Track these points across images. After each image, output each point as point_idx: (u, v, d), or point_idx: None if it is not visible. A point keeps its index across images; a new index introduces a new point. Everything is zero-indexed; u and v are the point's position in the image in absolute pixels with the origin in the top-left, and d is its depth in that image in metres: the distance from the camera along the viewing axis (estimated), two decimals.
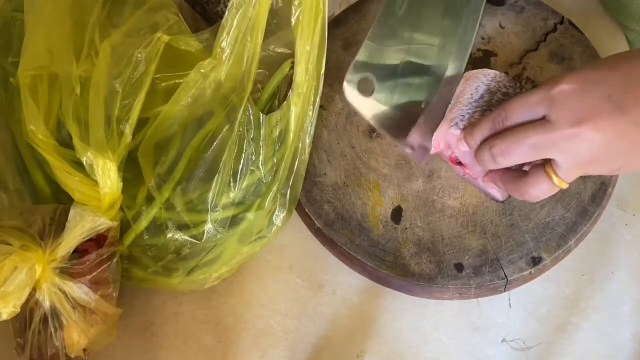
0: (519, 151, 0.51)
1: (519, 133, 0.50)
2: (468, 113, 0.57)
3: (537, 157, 0.51)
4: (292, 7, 0.60)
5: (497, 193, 0.60)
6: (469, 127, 0.56)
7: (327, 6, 0.61)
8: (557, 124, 0.48)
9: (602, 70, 0.49)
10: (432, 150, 0.60)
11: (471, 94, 0.58)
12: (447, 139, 0.58)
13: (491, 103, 0.57)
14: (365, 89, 0.61)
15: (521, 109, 0.51)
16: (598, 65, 0.50)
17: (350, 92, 0.60)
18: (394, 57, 0.62)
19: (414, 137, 0.60)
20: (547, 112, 0.49)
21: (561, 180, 0.51)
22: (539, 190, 0.52)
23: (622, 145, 0.48)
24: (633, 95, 0.47)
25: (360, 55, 0.61)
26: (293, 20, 0.61)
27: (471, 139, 0.55)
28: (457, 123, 0.57)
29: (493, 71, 0.59)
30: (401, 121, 0.61)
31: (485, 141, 0.53)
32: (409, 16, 0.64)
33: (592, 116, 0.48)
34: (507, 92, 0.57)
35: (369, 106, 0.61)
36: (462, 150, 0.57)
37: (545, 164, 0.51)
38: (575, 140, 0.48)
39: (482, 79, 0.58)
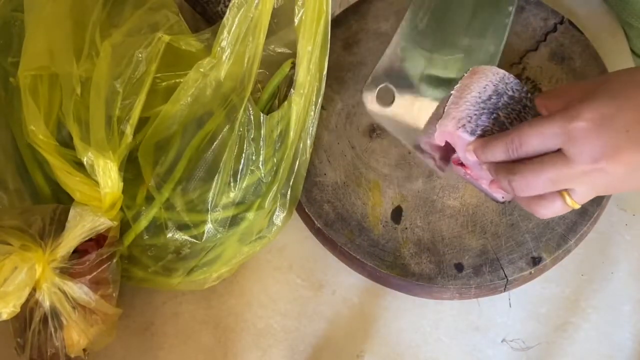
0: (537, 185, 0.51)
1: (536, 168, 0.50)
2: (475, 114, 0.56)
3: (556, 189, 0.51)
4: (296, 7, 0.60)
5: (499, 195, 0.59)
6: (480, 143, 0.55)
7: (330, 7, 0.61)
8: (576, 160, 0.49)
9: (618, 101, 0.49)
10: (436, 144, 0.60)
11: (479, 93, 0.57)
12: (454, 140, 0.58)
13: (498, 106, 0.56)
14: (385, 99, 0.61)
15: (536, 140, 0.51)
16: (614, 94, 0.49)
17: (370, 102, 0.60)
18: (415, 68, 0.62)
19: (426, 145, 0.60)
20: (564, 147, 0.49)
21: (575, 202, 0.51)
22: (551, 210, 0.52)
23: (638, 175, 0.49)
24: None
25: (380, 66, 0.60)
26: (296, 21, 0.61)
27: (482, 156, 0.55)
28: (464, 125, 0.56)
29: (502, 71, 0.58)
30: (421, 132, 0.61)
31: (500, 166, 0.53)
32: (432, 29, 0.63)
33: (611, 153, 0.48)
34: (513, 95, 0.56)
35: (389, 116, 0.60)
36: (470, 159, 0.57)
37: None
38: (594, 175, 0.49)
39: (491, 78, 0.57)
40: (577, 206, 0.51)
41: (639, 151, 0.48)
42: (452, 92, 0.58)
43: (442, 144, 0.59)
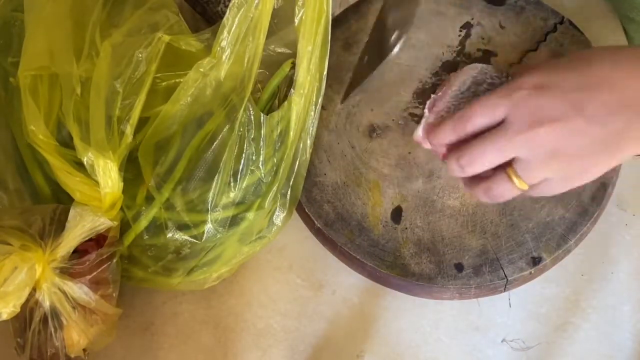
0: (484, 159, 0.52)
1: (483, 141, 0.52)
2: (454, 105, 0.57)
3: (502, 159, 0.52)
4: (296, 7, 0.60)
5: None
6: (431, 126, 0.56)
7: (330, 7, 0.61)
8: (517, 125, 0.50)
9: (560, 71, 0.51)
10: (424, 145, 0.60)
11: (458, 87, 0.58)
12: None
13: (477, 93, 0.57)
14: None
15: (481, 114, 0.52)
16: (557, 66, 0.52)
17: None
18: None
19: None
20: (506, 114, 0.51)
21: (521, 181, 0.52)
22: (500, 190, 0.54)
23: (580, 144, 0.50)
24: (588, 94, 0.49)
25: None
26: (296, 21, 0.61)
27: (434, 139, 0.56)
28: (442, 116, 0.57)
29: (480, 64, 0.59)
30: None
31: (451, 149, 0.55)
32: None
33: (549, 117, 0.49)
34: (493, 82, 0.58)
35: None
36: None
37: (507, 167, 0.53)
38: (534, 140, 0.50)
39: (470, 72, 0.59)
40: (525, 186, 0.52)
41: (576, 116, 0.49)
42: (437, 94, 0.59)
43: (426, 143, 0.60)
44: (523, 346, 0.65)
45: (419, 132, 0.60)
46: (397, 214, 0.68)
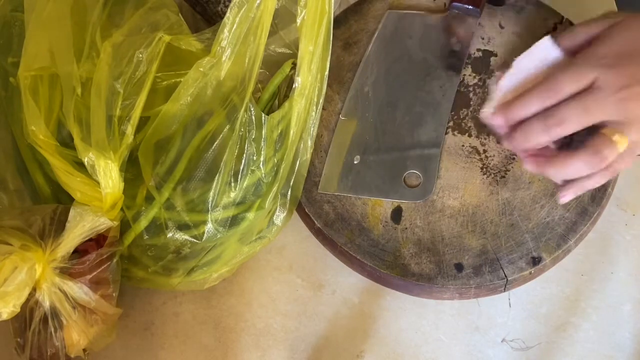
0: (574, 118, 0.53)
1: (572, 102, 0.53)
2: (520, 81, 0.58)
3: (591, 121, 0.53)
4: (298, 7, 0.60)
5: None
6: (504, 104, 0.56)
7: (332, 7, 0.60)
8: (608, 89, 0.52)
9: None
10: (494, 120, 0.58)
11: (525, 64, 0.58)
12: None
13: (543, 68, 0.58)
14: None
15: (570, 82, 0.53)
16: (630, 33, 0.54)
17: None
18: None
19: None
20: (595, 79, 0.53)
21: (622, 136, 0.53)
22: (603, 156, 0.53)
23: None
24: None
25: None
26: (298, 21, 0.61)
27: (514, 113, 0.56)
28: (510, 93, 0.57)
29: (545, 40, 0.59)
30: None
31: (533, 119, 0.55)
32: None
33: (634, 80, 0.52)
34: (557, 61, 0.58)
35: None
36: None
37: (600, 129, 0.53)
38: (626, 101, 0.52)
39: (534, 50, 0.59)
40: (625, 141, 0.53)
41: None
42: (500, 72, 0.59)
43: (505, 113, 0.58)
44: (523, 346, 0.66)
45: (489, 108, 0.58)
46: (397, 214, 0.68)
